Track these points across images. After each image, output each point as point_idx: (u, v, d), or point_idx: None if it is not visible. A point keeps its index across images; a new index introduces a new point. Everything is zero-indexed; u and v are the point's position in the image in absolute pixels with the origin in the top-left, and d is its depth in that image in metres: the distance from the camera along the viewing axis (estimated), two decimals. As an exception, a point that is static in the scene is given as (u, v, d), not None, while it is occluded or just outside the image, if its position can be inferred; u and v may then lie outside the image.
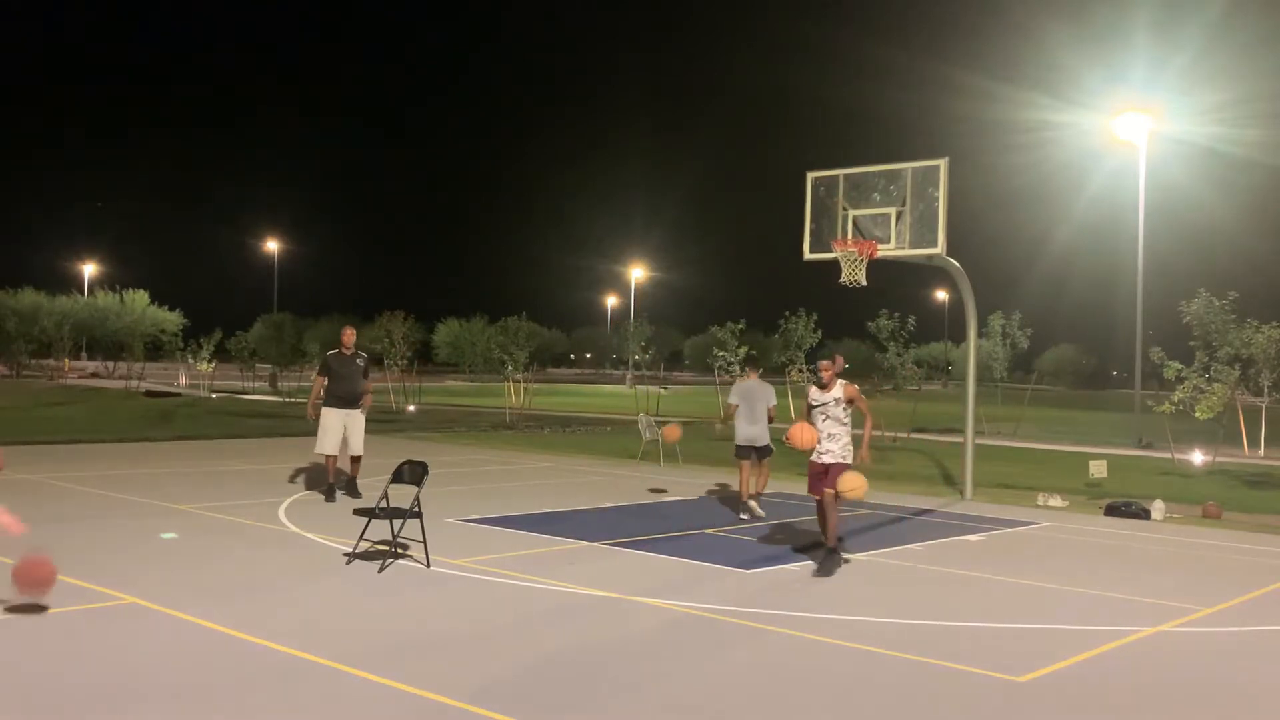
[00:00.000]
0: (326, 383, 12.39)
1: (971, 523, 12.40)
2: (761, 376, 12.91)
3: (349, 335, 12.71)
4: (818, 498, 9.22)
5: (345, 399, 12.34)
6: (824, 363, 9.37)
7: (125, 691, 5.35)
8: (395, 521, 8.57)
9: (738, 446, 12.25)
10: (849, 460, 9.14)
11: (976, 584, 8.80)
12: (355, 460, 12.47)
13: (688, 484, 15.50)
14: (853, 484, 8.92)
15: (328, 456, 12.29)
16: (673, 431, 16.25)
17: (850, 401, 9.22)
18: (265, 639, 6.30)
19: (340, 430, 12.27)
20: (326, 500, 12.16)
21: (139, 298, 66.08)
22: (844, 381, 9.30)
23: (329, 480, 12.33)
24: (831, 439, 9.21)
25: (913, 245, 13.23)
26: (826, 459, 9.18)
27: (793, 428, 9.28)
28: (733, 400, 12.40)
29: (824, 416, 9.26)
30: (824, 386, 9.29)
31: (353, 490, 12.40)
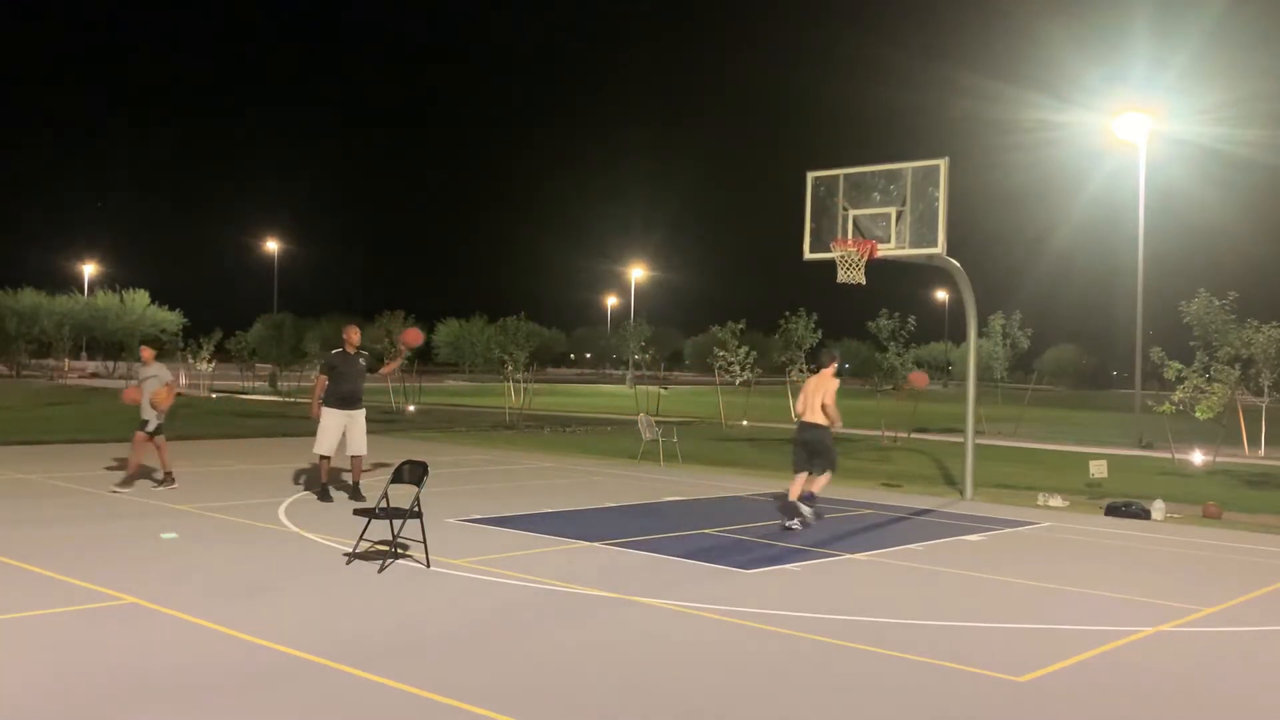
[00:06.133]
0: (328, 382, 12.17)
1: (971, 523, 12.40)
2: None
3: (354, 334, 12.47)
4: None
5: (347, 399, 12.15)
6: None
7: (125, 692, 5.34)
8: (395, 521, 8.57)
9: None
10: None
11: (976, 584, 8.79)
12: (355, 459, 12.30)
13: (688, 484, 15.50)
14: None
15: (321, 457, 12.21)
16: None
17: None
18: (265, 639, 6.30)
19: (339, 431, 12.12)
20: (320, 500, 12.11)
21: (139, 298, 66.25)
22: None
23: (321, 481, 12.28)
24: None
25: (913, 245, 13.23)
26: None
27: None
28: None
29: None
30: None
31: (356, 494, 12.16)
